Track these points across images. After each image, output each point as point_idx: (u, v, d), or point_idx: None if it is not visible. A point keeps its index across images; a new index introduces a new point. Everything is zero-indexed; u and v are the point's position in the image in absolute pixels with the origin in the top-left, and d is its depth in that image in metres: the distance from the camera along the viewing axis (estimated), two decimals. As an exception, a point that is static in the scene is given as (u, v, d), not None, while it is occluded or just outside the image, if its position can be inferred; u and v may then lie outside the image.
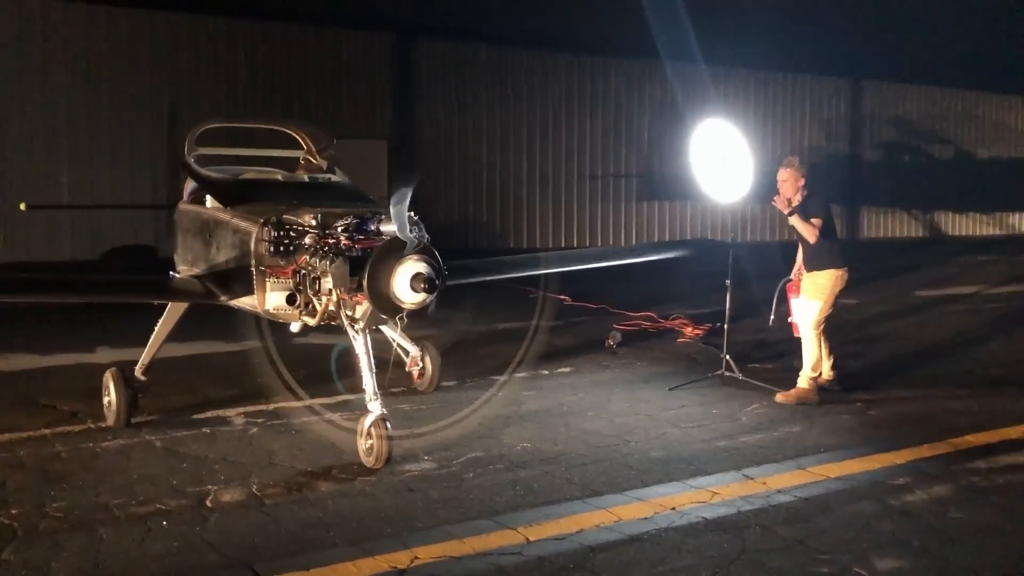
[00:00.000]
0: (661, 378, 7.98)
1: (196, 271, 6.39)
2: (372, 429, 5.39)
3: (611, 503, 4.97)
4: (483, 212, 19.33)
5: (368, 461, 5.45)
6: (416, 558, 4.23)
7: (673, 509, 4.88)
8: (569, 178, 20.34)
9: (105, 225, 15.36)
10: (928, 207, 26.13)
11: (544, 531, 4.56)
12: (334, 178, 6.77)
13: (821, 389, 7.22)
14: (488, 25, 18.89)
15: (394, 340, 7.33)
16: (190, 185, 7.19)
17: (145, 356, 6.34)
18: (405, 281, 4.88)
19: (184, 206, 6.98)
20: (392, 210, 4.88)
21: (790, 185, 7.16)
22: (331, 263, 5.07)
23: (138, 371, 6.31)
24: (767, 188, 7.68)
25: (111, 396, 6.15)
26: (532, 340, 8.65)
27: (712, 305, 11.41)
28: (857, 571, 4.14)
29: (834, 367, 7.38)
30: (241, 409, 6.80)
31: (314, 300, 5.40)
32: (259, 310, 5.65)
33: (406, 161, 4.58)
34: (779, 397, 7.16)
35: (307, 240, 5.39)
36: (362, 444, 5.48)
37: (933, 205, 26.15)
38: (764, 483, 5.32)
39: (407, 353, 7.39)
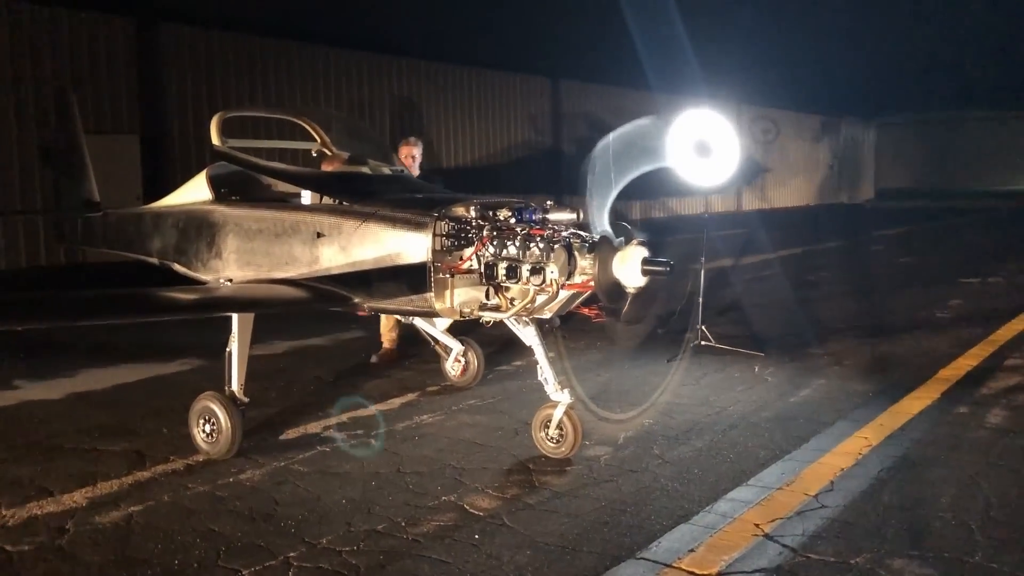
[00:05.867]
0: (643, 354, 8.52)
1: (282, 275, 5.74)
2: (565, 418, 5.38)
3: (809, 457, 5.45)
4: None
5: (558, 451, 5.43)
6: (757, 525, 4.43)
7: (861, 454, 5.49)
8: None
9: None
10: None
11: (814, 482, 4.95)
12: (405, 171, 6.39)
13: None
14: (235, 12, 17.88)
15: (430, 336, 7.13)
16: (208, 177, 6.41)
17: (239, 375, 5.56)
18: (635, 266, 4.95)
19: (228, 207, 6.17)
20: (608, 208, 5.00)
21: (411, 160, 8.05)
22: (550, 253, 4.97)
23: (239, 392, 5.53)
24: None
25: (220, 423, 5.36)
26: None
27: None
28: (1058, 475, 5.09)
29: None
30: (319, 424, 6.25)
31: (500, 293, 5.20)
32: (431, 307, 5.26)
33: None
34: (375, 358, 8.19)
35: (484, 232, 5.17)
36: (547, 434, 5.44)
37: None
38: (882, 424, 6.13)
39: (447, 350, 7.20)
